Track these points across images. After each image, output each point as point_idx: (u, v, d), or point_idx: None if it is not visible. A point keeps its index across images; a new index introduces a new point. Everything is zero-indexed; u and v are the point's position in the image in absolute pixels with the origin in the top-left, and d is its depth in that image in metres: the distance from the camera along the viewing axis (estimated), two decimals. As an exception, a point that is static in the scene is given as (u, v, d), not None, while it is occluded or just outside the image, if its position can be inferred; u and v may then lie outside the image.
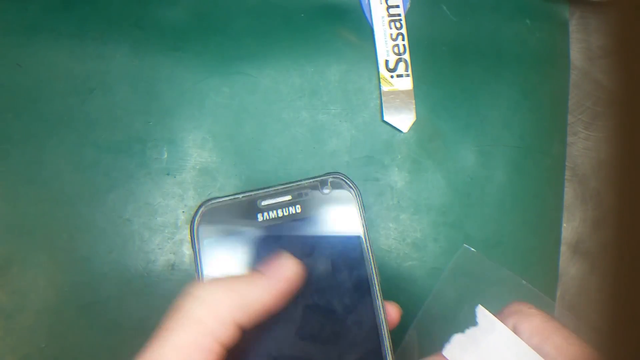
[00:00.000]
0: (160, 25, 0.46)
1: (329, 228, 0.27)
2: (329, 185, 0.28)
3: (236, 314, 0.22)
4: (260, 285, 0.23)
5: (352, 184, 0.28)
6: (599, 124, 0.51)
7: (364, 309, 0.27)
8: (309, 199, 0.28)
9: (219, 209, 0.27)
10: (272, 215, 0.27)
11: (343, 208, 0.28)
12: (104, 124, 0.43)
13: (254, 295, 0.23)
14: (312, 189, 0.28)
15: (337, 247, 0.27)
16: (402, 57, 0.49)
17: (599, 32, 0.52)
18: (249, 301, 0.23)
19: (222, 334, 0.22)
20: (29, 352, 0.40)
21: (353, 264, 0.27)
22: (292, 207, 0.27)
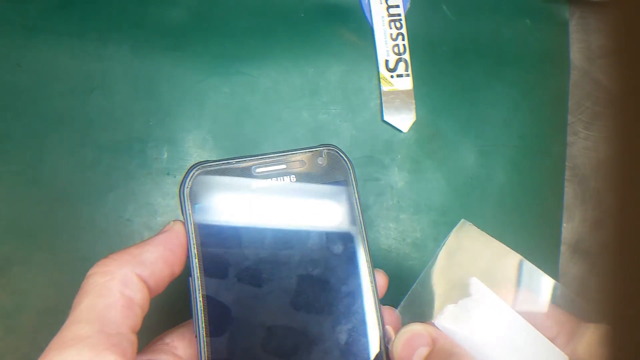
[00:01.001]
0: (161, 25, 0.46)
1: (323, 198, 0.27)
2: (324, 156, 0.28)
3: (136, 270, 0.24)
4: (150, 243, 0.26)
5: (345, 157, 0.28)
6: (598, 124, 0.51)
7: (354, 278, 0.27)
8: (304, 169, 0.27)
9: (211, 173, 0.26)
10: (265, 183, 0.27)
11: (337, 179, 0.28)
12: (104, 124, 0.43)
13: (148, 252, 0.25)
14: (307, 159, 0.28)
15: (329, 218, 0.27)
16: (402, 57, 0.49)
17: (599, 32, 0.52)
18: (144, 258, 0.25)
19: (129, 292, 0.24)
20: (30, 352, 0.40)
21: (345, 236, 0.27)
22: (287, 176, 0.27)
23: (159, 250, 0.25)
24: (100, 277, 0.24)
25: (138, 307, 0.24)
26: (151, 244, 0.26)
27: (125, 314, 0.24)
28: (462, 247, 0.34)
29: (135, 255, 0.25)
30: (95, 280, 0.24)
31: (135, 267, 0.25)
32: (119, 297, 0.24)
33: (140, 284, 0.24)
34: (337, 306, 0.26)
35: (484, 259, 0.35)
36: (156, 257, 0.25)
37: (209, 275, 0.25)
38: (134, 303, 0.24)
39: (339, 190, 0.28)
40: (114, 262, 0.25)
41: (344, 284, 0.27)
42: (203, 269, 0.25)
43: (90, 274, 0.24)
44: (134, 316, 0.24)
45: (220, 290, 0.25)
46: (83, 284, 0.24)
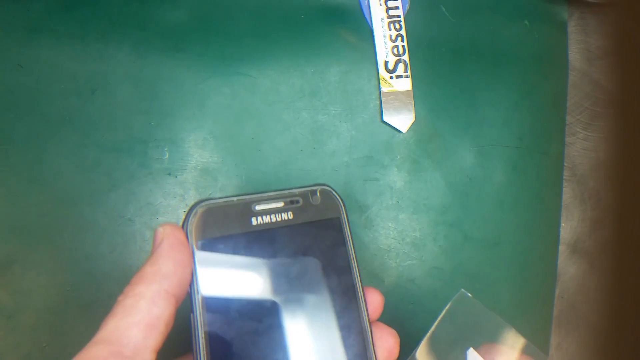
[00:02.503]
0: (162, 26, 0.46)
1: (317, 235, 0.29)
2: (318, 194, 0.29)
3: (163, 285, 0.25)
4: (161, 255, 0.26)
5: (338, 195, 0.30)
6: (597, 125, 0.51)
7: (348, 312, 0.28)
8: (299, 207, 0.29)
9: (214, 210, 0.27)
10: (265, 219, 0.28)
11: (330, 216, 0.29)
12: (105, 125, 0.44)
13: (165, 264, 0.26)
14: (303, 197, 0.29)
15: (324, 253, 0.29)
16: (401, 58, 0.49)
17: (597, 33, 0.52)
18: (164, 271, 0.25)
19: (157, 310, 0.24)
20: (30, 352, 0.40)
21: (339, 270, 0.29)
22: (285, 213, 0.29)
23: (172, 257, 0.26)
24: (129, 299, 0.24)
25: (163, 324, 0.24)
26: (162, 255, 0.26)
27: (148, 333, 0.24)
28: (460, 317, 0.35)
29: (156, 272, 0.25)
30: (125, 303, 0.24)
31: (162, 283, 0.25)
32: (146, 315, 0.24)
33: (168, 298, 0.25)
34: (332, 341, 0.28)
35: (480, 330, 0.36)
36: (174, 265, 0.26)
37: (210, 312, 0.26)
38: (160, 320, 0.24)
39: (332, 226, 0.29)
40: (139, 285, 0.25)
41: (339, 318, 0.28)
42: (205, 306, 0.26)
43: (120, 300, 0.25)
44: (157, 334, 0.24)
45: (222, 326, 0.26)
46: (112, 308, 0.25)
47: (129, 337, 0.23)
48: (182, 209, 0.44)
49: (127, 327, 0.23)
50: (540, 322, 0.50)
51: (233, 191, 0.45)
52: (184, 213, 0.44)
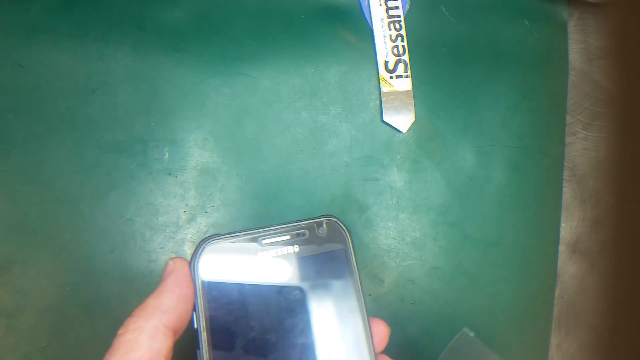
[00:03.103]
0: (162, 26, 0.46)
1: (324, 268, 0.29)
2: (324, 226, 0.29)
3: (162, 320, 0.26)
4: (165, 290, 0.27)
5: (344, 226, 0.30)
6: (597, 125, 0.51)
7: (355, 343, 0.28)
8: (306, 239, 0.29)
9: (220, 246, 0.28)
10: (271, 253, 0.28)
11: (336, 247, 0.29)
12: (105, 125, 0.44)
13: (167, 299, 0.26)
14: (309, 229, 0.29)
15: (330, 286, 0.29)
16: (401, 58, 0.49)
17: (597, 33, 0.52)
18: (165, 306, 0.26)
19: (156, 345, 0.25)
20: (31, 351, 0.40)
21: (345, 304, 0.29)
22: (291, 247, 0.29)
23: (175, 293, 0.27)
24: (130, 334, 0.25)
25: (163, 358, 0.25)
26: (166, 290, 0.27)
27: None
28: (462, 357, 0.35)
29: (157, 306, 0.26)
30: (125, 337, 0.25)
31: (161, 318, 0.26)
32: (146, 350, 0.25)
33: (167, 333, 0.26)
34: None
35: None
36: (175, 301, 0.26)
37: (216, 348, 0.26)
38: (160, 354, 0.25)
39: (338, 257, 0.29)
40: (140, 318, 0.26)
41: (346, 351, 0.28)
42: (211, 342, 0.26)
43: (120, 333, 0.25)
44: None
45: None
46: (114, 342, 0.25)
47: None
48: (182, 209, 0.44)
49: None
50: (540, 322, 0.50)
51: (233, 191, 0.45)
52: (184, 213, 0.44)
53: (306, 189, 0.46)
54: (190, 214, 0.44)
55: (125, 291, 0.42)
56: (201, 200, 0.44)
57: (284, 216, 0.45)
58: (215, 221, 0.44)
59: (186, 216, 0.44)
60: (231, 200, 0.45)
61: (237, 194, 0.45)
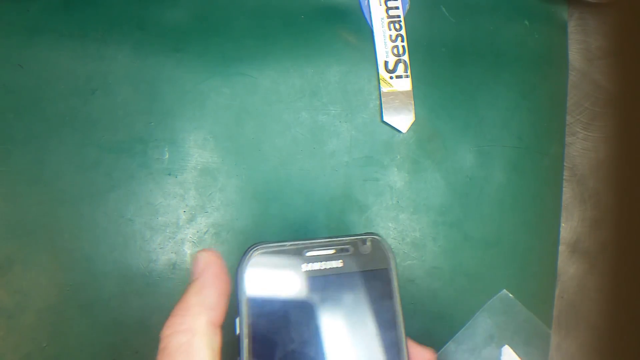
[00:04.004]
0: (162, 26, 0.46)
1: (365, 285, 0.29)
2: (369, 243, 0.29)
3: (210, 317, 0.25)
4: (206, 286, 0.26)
5: (387, 246, 0.30)
6: (597, 125, 0.51)
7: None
8: (350, 255, 0.29)
9: (267, 254, 0.28)
10: (315, 266, 0.28)
11: (379, 266, 0.29)
12: (105, 125, 0.44)
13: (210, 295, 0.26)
14: (353, 245, 0.29)
15: (371, 304, 0.29)
16: (401, 58, 0.49)
17: (597, 33, 0.52)
18: (209, 302, 0.26)
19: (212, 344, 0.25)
20: (31, 351, 0.40)
21: (385, 323, 0.29)
22: (335, 261, 0.29)
23: (216, 289, 0.26)
24: (182, 335, 0.24)
25: (218, 356, 0.25)
26: (207, 286, 0.26)
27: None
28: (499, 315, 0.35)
29: (201, 304, 0.25)
30: (178, 340, 0.24)
31: (209, 315, 0.25)
32: (207, 352, 0.24)
33: (216, 331, 0.25)
34: None
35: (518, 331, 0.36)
36: (218, 297, 0.26)
37: (256, 357, 0.26)
38: (216, 353, 0.25)
39: (380, 277, 0.29)
40: (187, 318, 0.25)
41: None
42: (252, 350, 0.26)
43: (169, 334, 0.24)
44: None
45: None
46: (165, 345, 0.24)
47: None
48: (182, 209, 0.44)
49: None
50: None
51: (233, 191, 0.45)
52: (184, 213, 0.44)
53: (306, 189, 0.46)
54: (190, 214, 0.44)
55: (125, 291, 0.42)
56: (201, 200, 0.44)
57: (284, 216, 0.45)
58: (215, 221, 0.44)
59: (186, 216, 0.44)
60: (231, 200, 0.45)
61: (237, 194, 0.45)
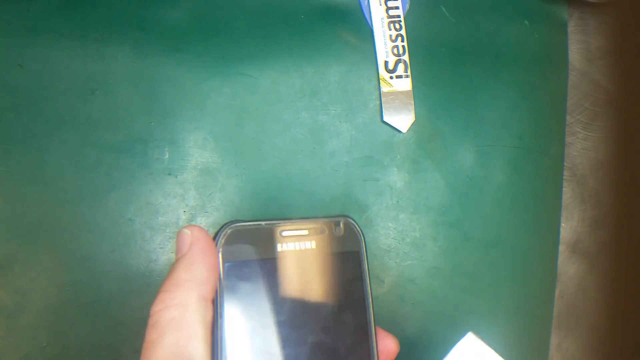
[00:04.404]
0: (162, 26, 0.46)
1: (337, 268, 0.29)
2: (341, 226, 0.30)
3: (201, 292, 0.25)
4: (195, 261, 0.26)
5: (359, 228, 0.30)
6: (597, 125, 0.51)
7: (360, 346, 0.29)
8: (323, 237, 0.29)
9: (242, 232, 0.28)
10: (289, 246, 0.28)
11: (350, 249, 0.30)
12: (105, 125, 0.44)
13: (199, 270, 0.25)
14: (327, 227, 0.29)
15: (341, 285, 0.29)
16: (401, 58, 0.49)
17: (597, 33, 0.52)
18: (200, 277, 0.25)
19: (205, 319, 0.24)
20: (31, 351, 0.40)
21: (354, 304, 0.29)
22: (308, 242, 0.29)
23: (205, 263, 0.26)
24: (173, 310, 0.24)
25: (210, 332, 0.25)
26: (196, 261, 0.26)
27: (204, 343, 0.24)
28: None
29: (191, 279, 0.25)
30: (169, 314, 0.24)
31: (199, 290, 0.25)
32: (200, 326, 0.24)
33: (208, 306, 0.25)
34: None
35: None
36: (207, 271, 0.25)
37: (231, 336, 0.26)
38: (208, 328, 0.24)
39: (351, 259, 0.30)
40: (177, 293, 0.24)
41: (351, 351, 0.28)
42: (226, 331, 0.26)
43: (160, 309, 0.24)
44: (210, 342, 0.24)
45: (242, 351, 0.26)
46: (156, 320, 0.24)
47: (193, 353, 0.23)
48: (182, 209, 0.44)
49: (187, 342, 0.23)
50: (540, 322, 0.50)
51: (233, 191, 0.45)
52: (184, 213, 0.44)
53: (306, 189, 0.46)
54: (190, 214, 0.44)
55: (125, 291, 0.42)
56: (201, 200, 0.44)
57: (284, 216, 0.45)
58: (215, 221, 0.44)
59: (186, 216, 0.44)
60: (231, 200, 0.45)
61: (237, 194, 0.45)
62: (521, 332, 0.49)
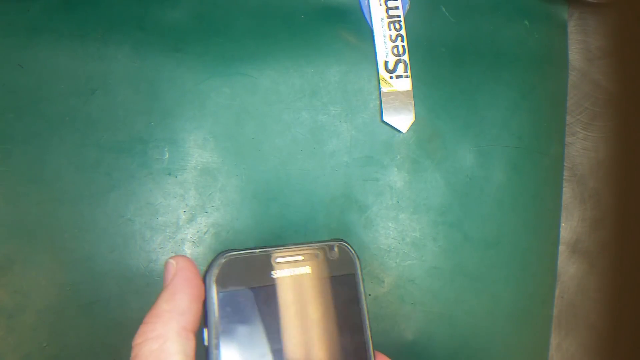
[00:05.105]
0: (162, 26, 0.46)
1: (333, 291, 0.29)
2: (336, 250, 0.30)
3: (181, 323, 0.25)
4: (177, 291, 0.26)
5: (354, 251, 0.30)
6: (597, 125, 0.51)
7: None
8: (318, 261, 0.29)
9: (236, 261, 0.28)
10: (285, 273, 0.29)
11: (346, 272, 0.30)
12: (105, 125, 0.44)
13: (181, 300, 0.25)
14: (321, 251, 0.30)
15: (338, 309, 0.29)
16: (401, 58, 0.49)
17: (597, 33, 0.52)
18: (181, 307, 0.25)
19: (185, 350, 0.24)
20: (31, 351, 0.40)
21: (352, 326, 0.29)
22: (303, 267, 0.29)
23: (187, 294, 0.26)
24: (152, 342, 0.24)
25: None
26: (178, 291, 0.26)
27: None
28: None
29: (172, 310, 0.25)
30: (149, 347, 0.24)
31: (180, 321, 0.25)
32: (179, 358, 0.24)
33: (189, 336, 0.25)
34: None
35: None
36: (190, 302, 0.25)
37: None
38: (190, 358, 0.24)
39: (347, 282, 0.30)
40: (158, 325, 0.24)
41: None
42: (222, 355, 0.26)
43: (141, 342, 0.24)
44: None
45: None
46: (136, 353, 0.24)
47: None
48: (182, 209, 0.44)
49: None
50: (540, 322, 0.50)
51: (233, 191, 0.45)
52: (184, 213, 0.44)
53: (306, 189, 0.46)
54: (190, 214, 0.44)
55: (125, 291, 0.42)
56: (201, 200, 0.44)
57: (284, 216, 0.45)
58: (215, 221, 0.44)
59: (186, 216, 0.44)
60: (231, 200, 0.45)
61: (237, 194, 0.45)
62: (521, 332, 0.49)
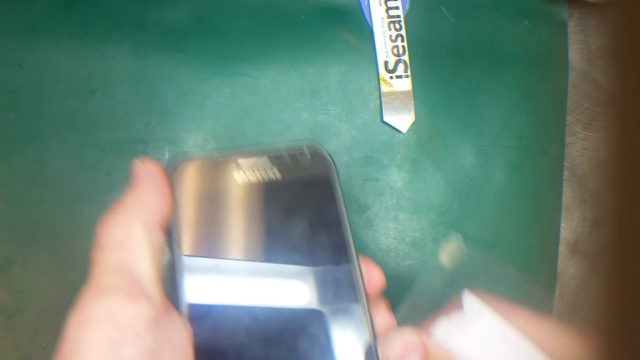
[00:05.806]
0: (162, 26, 0.46)
1: (308, 195, 0.27)
2: (307, 154, 0.28)
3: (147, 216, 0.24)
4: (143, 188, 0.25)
5: (327, 154, 0.28)
6: (597, 125, 0.51)
7: (341, 270, 0.26)
8: (288, 166, 0.27)
9: (198, 166, 0.26)
10: (250, 177, 0.27)
11: (319, 174, 0.28)
12: (105, 125, 0.44)
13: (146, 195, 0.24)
14: (290, 156, 0.27)
15: (314, 213, 0.27)
16: (401, 58, 0.49)
17: (598, 33, 0.52)
18: (147, 202, 0.24)
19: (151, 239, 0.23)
20: (30, 352, 0.40)
21: (330, 228, 0.27)
22: (271, 171, 0.27)
23: (152, 190, 0.25)
24: (117, 229, 0.23)
25: (158, 254, 0.24)
26: (143, 187, 0.25)
27: (151, 263, 0.23)
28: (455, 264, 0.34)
29: (138, 202, 0.24)
30: (115, 232, 0.23)
31: (146, 214, 0.24)
32: (145, 246, 0.23)
33: (157, 229, 0.24)
34: (323, 300, 0.26)
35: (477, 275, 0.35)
36: (156, 197, 0.24)
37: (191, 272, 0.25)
38: (155, 250, 0.24)
39: (323, 185, 0.27)
40: (122, 214, 0.24)
41: (331, 276, 0.26)
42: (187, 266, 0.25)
43: (106, 227, 0.23)
44: (158, 263, 0.24)
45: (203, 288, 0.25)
46: (101, 237, 0.23)
47: (137, 268, 0.23)
48: (182, 209, 0.44)
49: (131, 259, 0.23)
50: (540, 322, 0.50)
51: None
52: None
53: (306, 189, 0.46)
54: (190, 214, 0.44)
55: (125, 291, 0.42)
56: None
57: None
58: (215, 221, 0.44)
59: (186, 216, 0.44)
60: (231, 200, 0.45)
61: (237, 194, 0.45)
62: (521, 332, 0.49)
